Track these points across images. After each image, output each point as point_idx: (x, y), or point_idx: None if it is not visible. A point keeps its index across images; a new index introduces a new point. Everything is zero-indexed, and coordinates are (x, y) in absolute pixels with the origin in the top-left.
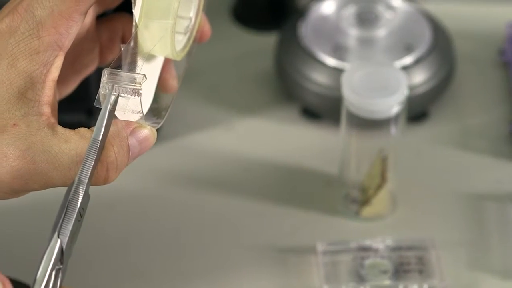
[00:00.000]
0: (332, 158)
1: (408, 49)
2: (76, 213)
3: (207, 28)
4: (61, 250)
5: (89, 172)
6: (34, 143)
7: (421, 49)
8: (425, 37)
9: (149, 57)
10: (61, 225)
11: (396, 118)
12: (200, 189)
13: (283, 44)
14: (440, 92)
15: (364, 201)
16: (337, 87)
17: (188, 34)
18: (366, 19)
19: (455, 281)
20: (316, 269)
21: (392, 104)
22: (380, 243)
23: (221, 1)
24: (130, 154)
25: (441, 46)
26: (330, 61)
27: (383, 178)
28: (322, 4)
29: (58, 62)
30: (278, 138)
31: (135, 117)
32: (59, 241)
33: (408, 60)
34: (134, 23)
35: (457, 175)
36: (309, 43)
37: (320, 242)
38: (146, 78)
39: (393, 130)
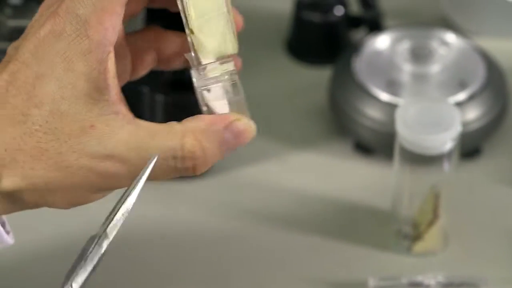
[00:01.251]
0: (384, 193)
1: (461, 85)
2: (94, 264)
3: (239, 18)
4: None
5: (117, 228)
6: (119, 141)
7: (475, 85)
8: (479, 73)
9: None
10: (75, 275)
11: (449, 154)
12: (253, 223)
13: (337, 78)
14: (493, 129)
15: (416, 237)
16: (391, 123)
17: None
18: (420, 54)
19: None
20: None
21: (445, 140)
22: (431, 279)
23: (276, 35)
24: (225, 147)
25: (495, 82)
26: (384, 96)
27: (435, 214)
28: (376, 39)
29: (112, 58)
30: (330, 172)
31: (232, 106)
32: None
33: (461, 96)
34: (187, 31)
35: (510, 212)
36: (363, 77)
37: (372, 277)
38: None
39: (446, 166)
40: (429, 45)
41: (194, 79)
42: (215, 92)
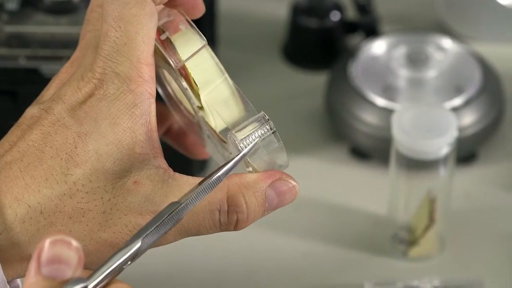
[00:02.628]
0: (380, 198)
1: (458, 91)
2: (166, 229)
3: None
4: (135, 254)
5: (196, 203)
6: (166, 196)
7: (471, 90)
8: (475, 78)
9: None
10: (148, 232)
11: (445, 159)
12: (248, 228)
13: (333, 83)
14: (489, 134)
15: (412, 242)
16: (387, 128)
17: None
18: (416, 59)
19: None
20: None
21: (441, 145)
22: (427, 284)
23: (272, 40)
24: (267, 205)
25: (491, 88)
26: (380, 101)
27: (431, 219)
28: (372, 44)
29: (154, 110)
30: (326, 177)
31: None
32: (139, 244)
33: (457, 101)
34: (193, 111)
35: (506, 216)
36: (359, 83)
37: (368, 282)
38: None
39: (442, 171)
40: (425, 51)
41: (234, 139)
42: (259, 153)
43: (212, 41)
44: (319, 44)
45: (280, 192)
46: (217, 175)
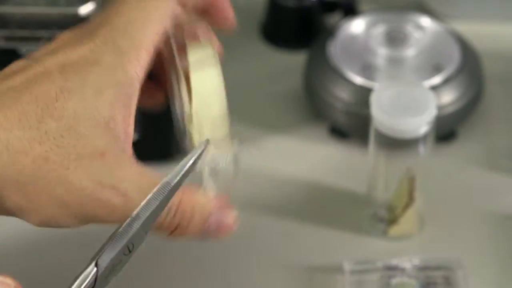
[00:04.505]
0: (359, 177)
1: (436, 69)
2: (122, 245)
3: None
4: (94, 278)
5: (149, 212)
6: (127, 177)
7: (450, 69)
8: (454, 57)
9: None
10: (101, 253)
11: (424, 137)
12: None
13: (312, 63)
14: (468, 112)
15: (392, 220)
16: (366, 106)
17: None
18: (395, 38)
19: None
20: None
21: (420, 124)
22: (407, 263)
23: (250, 20)
24: (205, 229)
25: (470, 66)
26: (359, 80)
27: (410, 198)
28: (351, 23)
29: (137, 96)
30: (306, 156)
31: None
32: (95, 269)
33: (436, 79)
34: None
35: (485, 195)
36: (338, 62)
37: (347, 261)
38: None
39: (421, 149)
40: (404, 29)
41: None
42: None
43: None
44: (298, 23)
45: (221, 222)
46: (171, 185)
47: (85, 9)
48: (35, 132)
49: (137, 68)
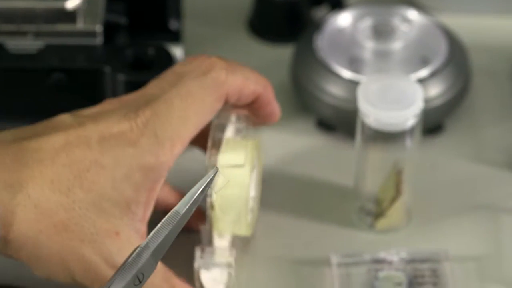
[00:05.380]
0: (347, 170)
1: (424, 62)
2: (132, 275)
3: (276, 111)
4: None
5: (159, 241)
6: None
7: (437, 62)
8: (441, 50)
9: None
10: (110, 284)
11: (411, 130)
12: None
13: (299, 56)
14: (455, 105)
15: (379, 214)
16: (353, 100)
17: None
18: (382, 31)
19: None
20: (330, 281)
21: (407, 117)
22: (394, 256)
23: (237, 13)
24: None
25: (457, 59)
26: (346, 73)
27: (398, 191)
28: (338, 17)
29: (162, 182)
30: (293, 150)
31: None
32: None
33: (423, 73)
34: (208, 205)
35: (472, 188)
36: (325, 55)
37: (334, 254)
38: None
39: (409, 142)
40: (391, 22)
41: (197, 255)
42: (212, 274)
43: (177, 15)
44: (285, 17)
45: None
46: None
47: (71, 4)
48: (64, 199)
49: (169, 156)
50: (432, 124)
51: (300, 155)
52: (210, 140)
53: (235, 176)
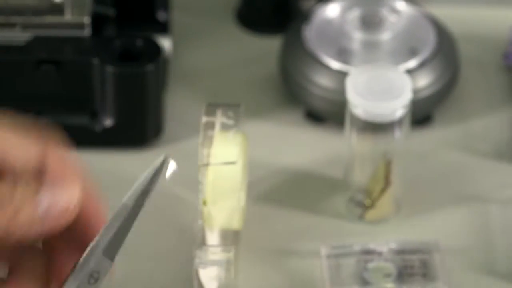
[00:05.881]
0: (336, 161)
1: (412, 53)
2: (85, 274)
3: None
4: None
5: (109, 237)
6: None
7: (426, 52)
8: (430, 40)
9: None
10: (63, 285)
11: (400, 121)
12: None
13: (287, 47)
14: (444, 96)
15: (368, 205)
16: (341, 91)
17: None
18: (370, 22)
19: (458, 285)
20: (319, 272)
21: (396, 108)
22: (384, 246)
23: (225, 4)
24: (39, 198)
25: (446, 50)
26: (334, 64)
27: (387, 182)
28: (326, 8)
29: None
30: (282, 141)
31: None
32: None
33: (412, 63)
34: (200, 201)
35: (461, 179)
36: (313, 46)
37: (324, 245)
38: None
39: (397, 133)
40: (379, 13)
41: (195, 254)
42: (210, 272)
43: (165, 6)
44: (273, 8)
45: (53, 201)
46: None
47: None
48: None
49: None
50: (421, 114)
51: (289, 146)
52: (201, 138)
53: (227, 172)
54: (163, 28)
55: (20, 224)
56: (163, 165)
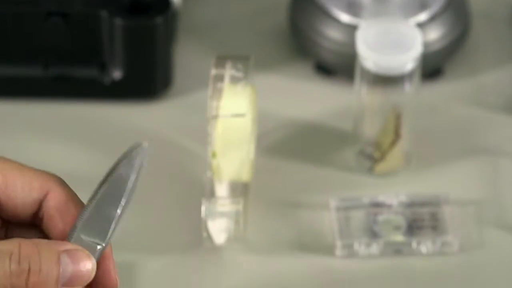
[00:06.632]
0: (346, 114)
1: (423, 6)
2: None
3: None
4: None
5: (84, 219)
6: None
7: (436, 5)
8: None
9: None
10: None
11: (410, 74)
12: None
13: (297, 0)
14: (454, 49)
15: (378, 157)
16: (351, 44)
17: None
18: None
19: (468, 237)
20: (329, 225)
21: (406, 61)
22: (393, 199)
23: None
24: (62, 270)
25: (456, 3)
26: (345, 17)
27: (397, 134)
28: None
29: None
30: (291, 94)
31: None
32: None
33: (423, 16)
34: (210, 153)
35: (471, 132)
36: None
37: (333, 198)
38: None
39: (408, 86)
40: None
41: (203, 207)
42: (219, 224)
43: None
44: None
45: (75, 259)
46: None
47: None
48: None
49: None
50: (431, 68)
51: (299, 99)
52: (210, 91)
53: (236, 124)
54: None
55: None
56: (139, 152)
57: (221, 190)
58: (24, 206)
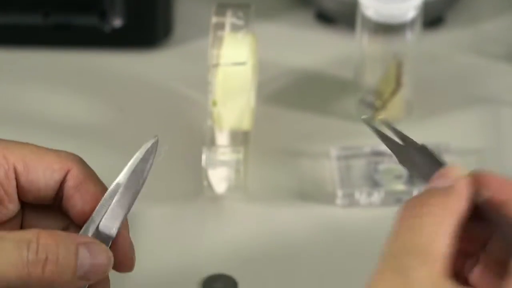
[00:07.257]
0: (347, 62)
1: None
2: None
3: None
4: None
5: (103, 214)
6: None
7: None
8: None
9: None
10: None
11: (411, 23)
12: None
13: None
14: None
15: (379, 106)
16: None
17: None
18: None
19: None
20: (329, 174)
21: (407, 9)
22: None
23: None
24: (79, 262)
25: None
26: None
27: (398, 83)
28: None
29: None
30: (292, 42)
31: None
32: None
33: None
34: (211, 102)
35: (473, 80)
36: None
37: (334, 147)
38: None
39: (409, 35)
40: None
41: (204, 155)
42: (219, 173)
43: None
44: None
45: (93, 252)
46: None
47: None
48: None
49: None
50: (433, 16)
51: (299, 47)
52: (211, 39)
53: (237, 72)
54: None
55: (61, 282)
56: (154, 145)
57: (222, 139)
58: (47, 188)
